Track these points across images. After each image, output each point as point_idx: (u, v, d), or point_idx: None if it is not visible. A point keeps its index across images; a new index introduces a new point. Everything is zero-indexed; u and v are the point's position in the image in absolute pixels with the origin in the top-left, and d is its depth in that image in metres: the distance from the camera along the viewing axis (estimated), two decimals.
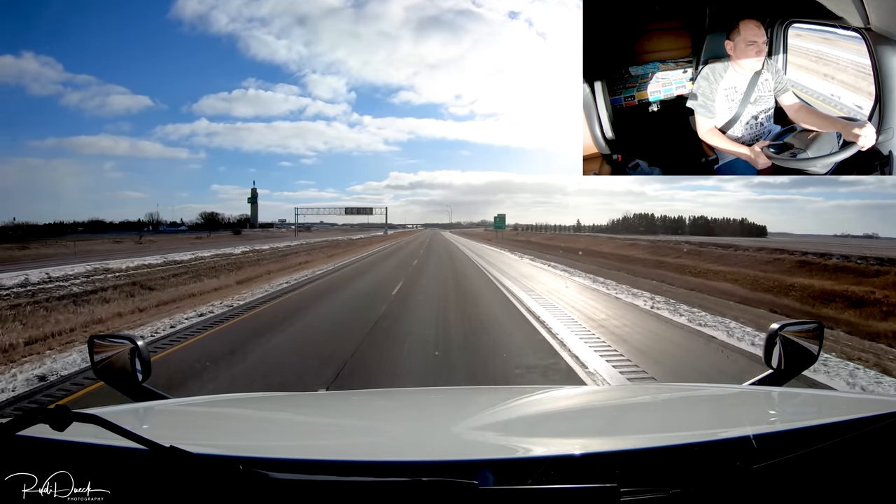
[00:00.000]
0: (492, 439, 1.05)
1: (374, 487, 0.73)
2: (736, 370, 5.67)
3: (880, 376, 5.68)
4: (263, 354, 6.49)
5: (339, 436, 1.15)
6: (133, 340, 1.38)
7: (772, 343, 1.42)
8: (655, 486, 0.76)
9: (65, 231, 51.67)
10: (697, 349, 6.93)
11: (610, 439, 0.96)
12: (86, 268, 15.40)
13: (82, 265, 16.05)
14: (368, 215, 59.63)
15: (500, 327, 8.21)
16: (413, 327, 8.07)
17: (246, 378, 5.44)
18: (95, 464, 0.78)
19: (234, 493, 0.73)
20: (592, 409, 1.36)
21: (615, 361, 6.09)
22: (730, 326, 8.30)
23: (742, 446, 0.81)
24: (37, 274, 13.59)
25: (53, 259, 22.04)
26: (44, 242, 35.34)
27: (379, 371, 5.74)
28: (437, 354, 6.33)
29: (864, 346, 7.88)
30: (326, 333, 7.81)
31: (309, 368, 5.85)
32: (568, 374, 5.59)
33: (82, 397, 4.88)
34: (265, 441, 1.07)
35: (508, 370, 5.71)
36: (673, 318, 9.20)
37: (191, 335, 7.70)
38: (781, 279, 16.84)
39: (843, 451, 0.83)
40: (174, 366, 5.89)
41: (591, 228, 66.65)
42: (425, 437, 1.08)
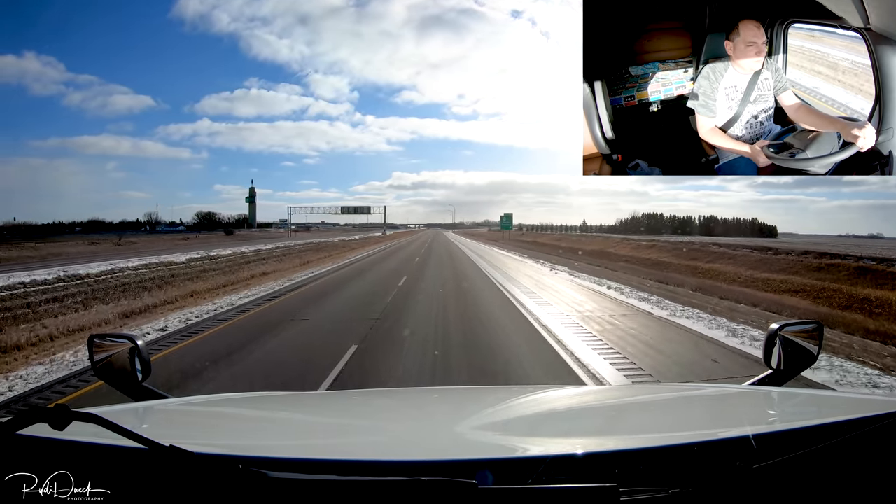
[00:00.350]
0: (491, 439, 1.05)
1: (374, 487, 0.73)
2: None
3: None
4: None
5: (338, 435, 1.15)
6: (133, 340, 1.38)
7: (771, 343, 1.41)
8: (655, 485, 0.76)
9: (63, 231, 51.60)
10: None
11: (610, 439, 0.96)
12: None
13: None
14: (366, 214, 58.25)
15: None
16: None
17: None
18: (95, 463, 0.78)
19: (233, 493, 0.73)
20: (592, 409, 1.36)
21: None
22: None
23: (742, 446, 0.81)
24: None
25: None
26: (22, 244, 34.23)
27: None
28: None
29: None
30: None
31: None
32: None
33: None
34: (265, 440, 1.07)
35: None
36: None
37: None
38: (850, 291, 14.78)
39: (843, 451, 0.83)
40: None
41: (597, 228, 66.15)
42: (425, 437, 1.08)
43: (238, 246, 30.80)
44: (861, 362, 6.26)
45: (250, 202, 59.33)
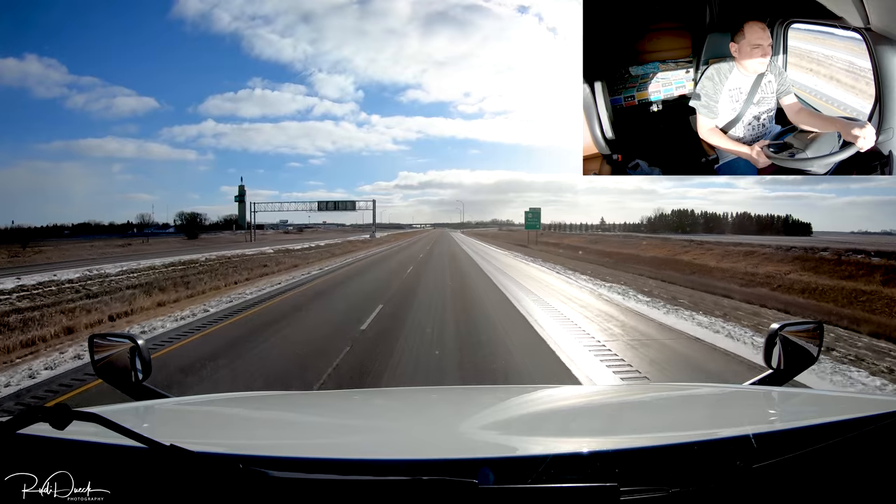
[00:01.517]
0: (492, 438, 1.05)
1: (374, 486, 0.73)
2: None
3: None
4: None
5: (339, 434, 1.14)
6: (133, 339, 1.38)
7: (772, 343, 1.42)
8: (655, 485, 0.76)
9: (55, 234, 50.77)
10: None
11: (610, 438, 0.96)
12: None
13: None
14: (350, 211, 49.17)
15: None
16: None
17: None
18: (95, 462, 0.78)
19: (234, 492, 0.73)
20: (592, 409, 1.36)
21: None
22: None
23: (742, 446, 0.81)
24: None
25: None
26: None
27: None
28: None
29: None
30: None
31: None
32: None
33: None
34: (265, 439, 1.07)
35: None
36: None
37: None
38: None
39: (843, 450, 0.83)
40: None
41: (621, 227, 62.62)
42: (425, 436, 1.08)
43: (160, 257, 21.97)
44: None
45: (240, 201, 57.07)
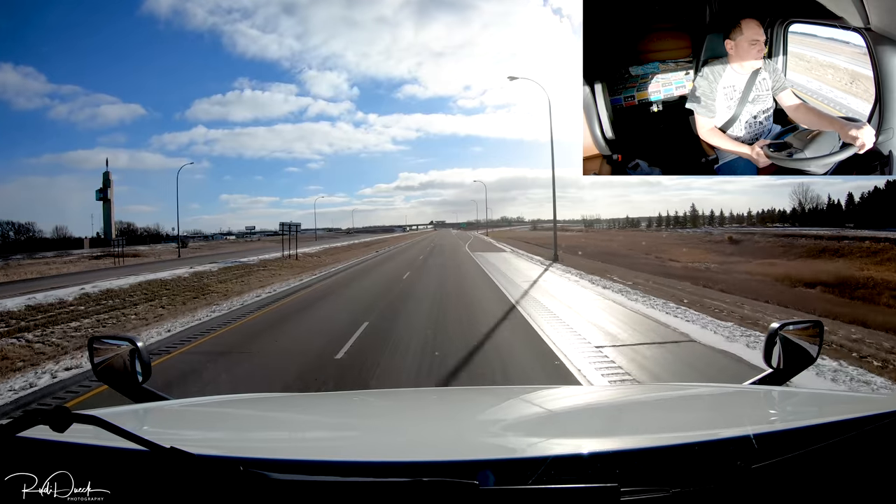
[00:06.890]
0: (492, 439, 1.05)
1: (375, 488, 0.73)
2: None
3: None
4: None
5: (338, 436, 1.14)
6: (133, 342, 1.38)
7: (771, 343, 1.41)
8: (656, 485, 0.76)
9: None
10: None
11: (610, 439, 0.96)
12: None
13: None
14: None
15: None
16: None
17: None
18: (95, 464, 0.78)
19: (234, 494, 0.73)
20: (592, 409, 1.36)
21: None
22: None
23: (742, 446, 0.81)
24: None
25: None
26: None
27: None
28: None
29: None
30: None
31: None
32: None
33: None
34: (265, 442, 1.07)
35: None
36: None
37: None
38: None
39: (843, 450, 0.83)
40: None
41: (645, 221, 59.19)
42: (426, 438, 1.08)
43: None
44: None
45: (103, 199, 49.93)
